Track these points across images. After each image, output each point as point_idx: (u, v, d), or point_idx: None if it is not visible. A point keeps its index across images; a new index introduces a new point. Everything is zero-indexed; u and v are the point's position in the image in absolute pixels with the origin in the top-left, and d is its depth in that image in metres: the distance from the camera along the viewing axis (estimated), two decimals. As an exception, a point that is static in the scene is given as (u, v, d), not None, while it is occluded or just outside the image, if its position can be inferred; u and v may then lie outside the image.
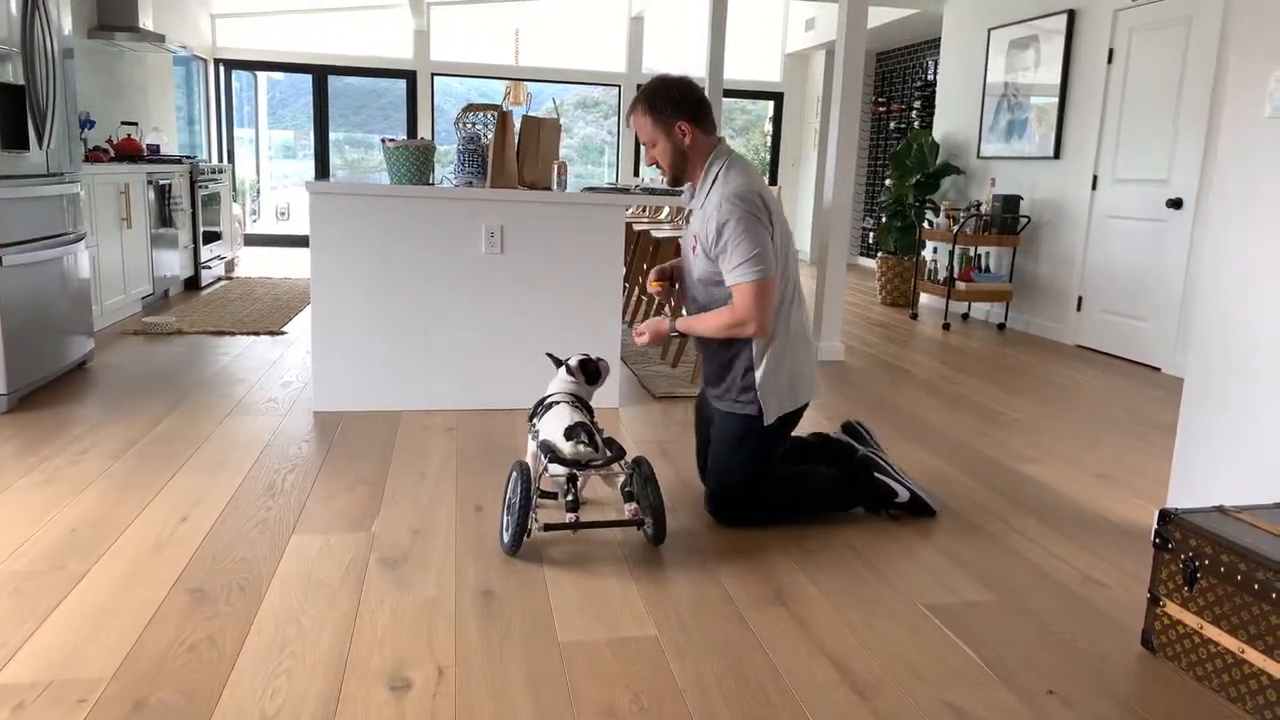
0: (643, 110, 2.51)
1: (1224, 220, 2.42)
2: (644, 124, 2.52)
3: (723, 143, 2.56)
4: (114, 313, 5.07)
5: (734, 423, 2.55)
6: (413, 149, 3.56)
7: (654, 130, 2.51)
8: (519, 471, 2.30)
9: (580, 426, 2.30)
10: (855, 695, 1.74)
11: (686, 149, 2.51)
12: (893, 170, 7.32)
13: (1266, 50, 2.29)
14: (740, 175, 2.46)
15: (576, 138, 11.22)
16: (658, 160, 2.56)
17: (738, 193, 2.40)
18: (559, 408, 2.43)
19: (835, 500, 2.66)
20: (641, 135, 2.55)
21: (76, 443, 3.04)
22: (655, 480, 2.36)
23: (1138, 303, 5.26)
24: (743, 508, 2.56)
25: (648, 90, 2.51)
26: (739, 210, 2.38)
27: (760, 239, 2.39)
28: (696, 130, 2.50)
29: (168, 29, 7.40)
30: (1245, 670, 1.73)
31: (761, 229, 2.40)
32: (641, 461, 2.37)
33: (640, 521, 2.34)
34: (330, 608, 1.99)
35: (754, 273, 2.38)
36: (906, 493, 2.66)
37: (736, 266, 2.39)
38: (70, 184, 3.94)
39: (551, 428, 2.35)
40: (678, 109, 2.48)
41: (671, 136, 2.50)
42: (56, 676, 1.69)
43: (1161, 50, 5.08)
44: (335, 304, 3.48)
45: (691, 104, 2.49)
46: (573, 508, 2.27)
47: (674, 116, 2.48)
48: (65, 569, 2.12)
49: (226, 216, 7.28)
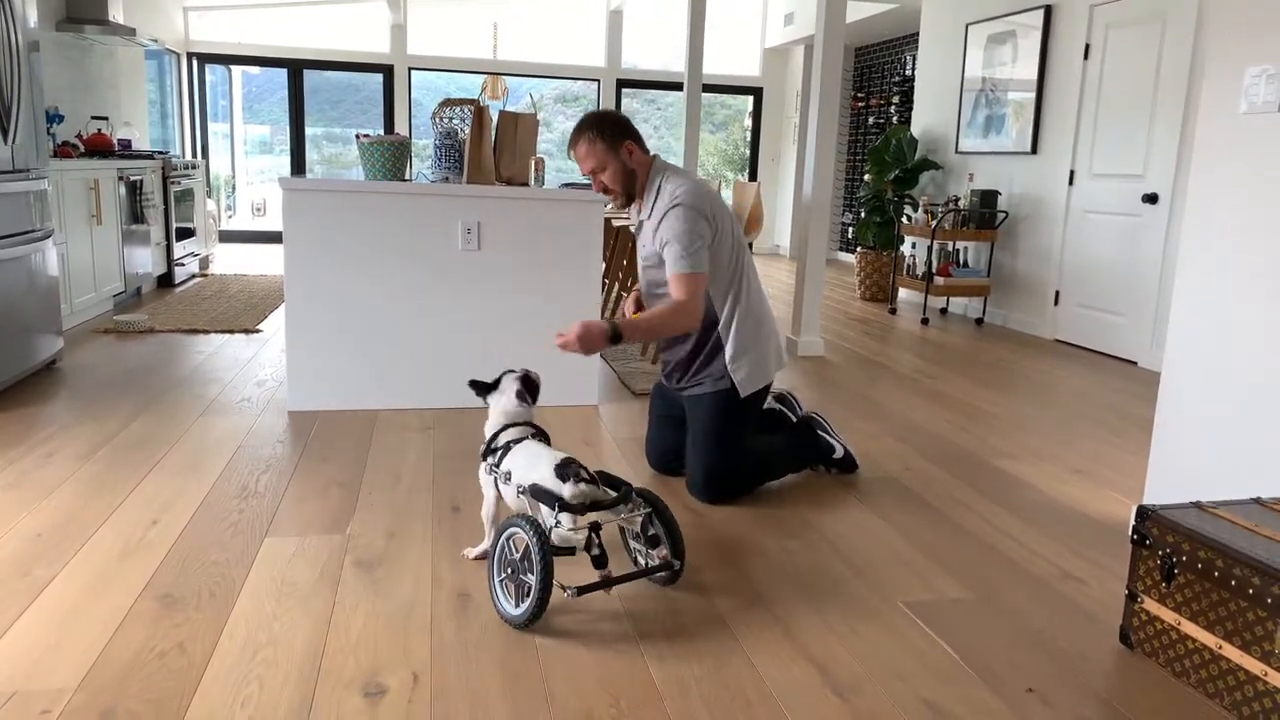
0: (590, 138, 2.66)
1: (1199, 215, 2.43)
2: (595, 150, 2.66)
3: (657, 158, 2.75)
4: (84, 311, 4.99)
5: (711, 402, 2.72)
6: (387, 144, 3.52)
7: (605, 154, 2.66)
8: (529, 532, 1.88)
9: (572, 462, 1.99)
10: (835, 696, 1.73)
11: (635, 167, 2.69)
12: (871, 165, 7.33)
13: (1241, 46, 2.30)
14: (679, 180, 2.66)
15: (556, 132, 11.16)
16: (607, 184, 2.71)
17: (679, 193, 2.60)
18: (528, 444, 2.11)
19: (789, 464, 2.89)
20: (589, 164, 2.68)
21: (44, 444, 2.98)
22: (673, 516, 2.10)
23: (1115, 297, 5.29)
24: (729, 485, 2.70)
25: (590, 121, 2.67)
26: (681, 208, 2.58)
27: (699, 235, 2.57)
28: (638, 149, 2.70)
29: (139, 22, 7.28)
30: (1222, 666, 1.74)
31: (701, 225, 2.58)
32: (654, 499, 2.10)
33: (670, 567, 2.08)
34: (304, 612, 1.96)
35: (690, 265, 2.55)
36: (841, 449, 2.95)
37: (678, 258, 2.56)
38: (37, 180, 3.87)
39: (532, 470, 2.03)
40: (622, 131, 2.67)
41: (620, 157, 2.67)
42: (20, 687, 1.65)
43: (1137, 46, 5.11)
44: (310, 302, 3.43)
45: (629, 126, 2.70)
46: (601, 563, 1.95)
47: (621, 138, 2.66)
48: (30, 575, 2.08)
49: (200, 213, 7.18)
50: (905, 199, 7.10)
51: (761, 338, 2.74)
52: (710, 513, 2.62)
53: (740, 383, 2.70)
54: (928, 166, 6.96)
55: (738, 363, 2.69)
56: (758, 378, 2.72)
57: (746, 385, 2.71)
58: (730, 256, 2.69)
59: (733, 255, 2.70)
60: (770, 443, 2.88)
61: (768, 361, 2.76)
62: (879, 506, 2.73)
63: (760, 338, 2.74)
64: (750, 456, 2.76)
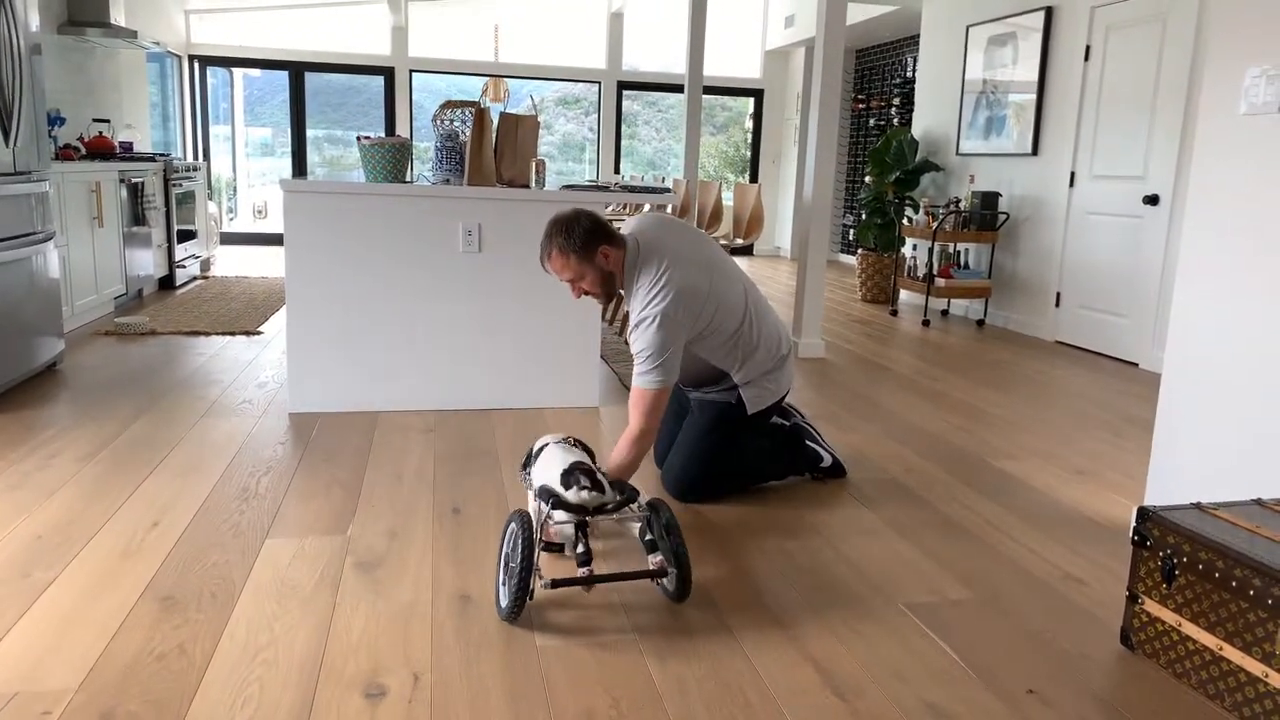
0: (562, 252, 2.50)
1: (1199, 216, 2.43)
2: (568, 263, 2.51)
3: (629, 241, 2.57)
4: (86, 313, 5.00)
5: (714, 410, 2.74)
6: (388, 146, 3.52)
7: (580, 264, 2.51)
8: (518, 522, 1.99)
9: (579, 468, 2.05)
10: (835, 697, 1.73)
11: (611, 269, 2.55)
12: (872, 167, 7.33)
13: (1242, 47, 2.30)
14: (654, 269, 2.50)
15: (557, 134, 11.17)
16: (588, 291, 2.58)
17: (650, 299, 2.48)
18: (551, 449, 2.20)
19: (774, 471, 2.89)
20: (566, 275, 2.55)
21: (45, 446, 2.98)
22: (677, 526, 2.06)
23: (1116, 298, 5.29)
24: (703, 491, 2.71)
25: (557, 233, 2.50)
26: (649, 319, 2.47)
27: (669, 346, 2.47)
28: (613, 249, 2.53)
29: (140, 25, 7.29)
30: (1223, 667, 1.74)
31: (676, 332, 2.48)
32: (659, 506, 2.09)
33: (663, 573, 2.06)
34: (304, 614, 1.96)
35: (655, 382, 2.47)
36: (829, 458, 2.94)
37: (642, 374, 2.49)
38: (39, 182, 3.87)
39: (547, 473, 2.13)
40: (592, 237, 2.50)
41: (595, 263, 2.52)
42: (21, 688, 1.65)
43: (1138, 47, 5.11)
44: (311, 304, 3.43)
45: (599, 227, 2.52)
46: (585, 560, 1.97)
47: (594, 244, 2.50)
48: (31, 577, 2.08)
49: (202, 215, 7.19)
50: (906, 201, 7.10)
51: (774, 365, 2.73)
52: (711, 513, 2.62)
53: (748, 400, 2.71)
54: (928, 168, 6.96)
55: (747, 384, 2.70)
56: (766, 397, 2.73)
57: (754, 403, 2.71)
58: (739, 319, 2.62)
59: (743, 314, 2.63)
60: (758, 449, 2.86)
61: (780, 383, 2.76)
62: (880, 507, 2.73)
63: (773, 366, 2.73)
64: (736, 464, 2.77)
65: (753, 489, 2.83)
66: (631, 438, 2.49)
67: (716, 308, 2.57)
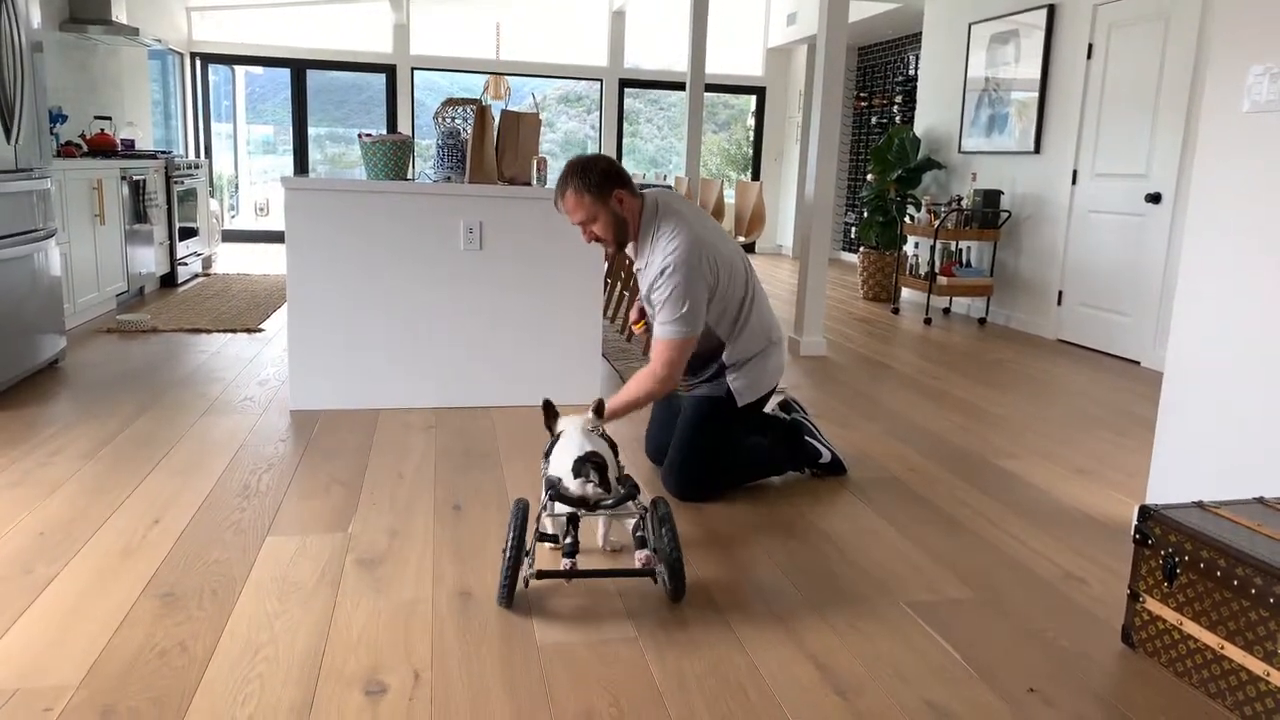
0: (577, 190, 2.52)
1: (1202, 215, 2.42)
2: (582, 202, 2.52)
3: (647, 198, 2.62)
4: (87, 310, 5.00)
5: (705, 404, 2.73)
6: (389, 144, 3.52)
7: (593, 205, 2.52)
8: (516, 509, 2.02)
9: (590, 459, 2.05)
10: (836, 695, 1.73)
11: (625, 215, 2.57)
12: (874, 165, 7.32)
13: (1244, 45, 2.29)
14: (673, 229, 2.55)
15: (559, 132, 11.17)
16: (598, 235, 2.59)
17: (671, 253, 2.51)
18: (570, 434, 2.19)
19: (772, 467, 2.88)
20: (579, 215, 2.55)
21: (46, 444, 2.98)
22: (673, 524, 2.03)
23: (1118, 297, 5.28)
24: (701, 485, 2.70)
25: (574, 171, 2.52)
26: (672, 268, 2.50)
27: (691, 295, 2.50)
28: (629, 195, 2.56)
29: (142, 22, 7.29)
30: (1224, 666, 1.73)
31: (697, 287, 2.51)
32: (659, 503, 2.08)
33: (652, 572, 2.05)
34: (305, 611, 1.96)
35: (679, 331, 2.51)
36: (829, 454, 2.93)
37: (667, 323, 2.52)
38: (40, 179, 3.87)
39: (561, 462, 2.12)
40: (609, 179, 2.53)
41: (610, 206, 2.54)
42: (22, 684, 1.65)
43: (1140, 45, 5.10)
44: (312, 301, 3.43)
45: (616, 172, 2.55)
46: (570, 552, 1.97)
47: (610, 186, 2.53)
48: (33, 573, 2.08)
49: (203, 212, 7.19)
50: (908, 199, 7.09)
51: (765, 351, 2.74)
52: (711, 512, 2.62)
53: (737, 391, 2.71)
54: (930, 166, 6.95)
55: (736, 373, 2.71)
56: (756, 388, 2.74)
57: (744, 394, 2.72)
58: (742, 289, 2.67)
59: (745, 287, 2.69)
60: (756, 445, 2.86)
61: (767, 372, 2.75)
62: (881, 506, 2.73)
63: (764, 352, 2.74)
64: (732, 458, 2.76)
65: (753, 487, 2.83)
66: (647, 375, 2.54)
67: (728, 273, 2.62)
